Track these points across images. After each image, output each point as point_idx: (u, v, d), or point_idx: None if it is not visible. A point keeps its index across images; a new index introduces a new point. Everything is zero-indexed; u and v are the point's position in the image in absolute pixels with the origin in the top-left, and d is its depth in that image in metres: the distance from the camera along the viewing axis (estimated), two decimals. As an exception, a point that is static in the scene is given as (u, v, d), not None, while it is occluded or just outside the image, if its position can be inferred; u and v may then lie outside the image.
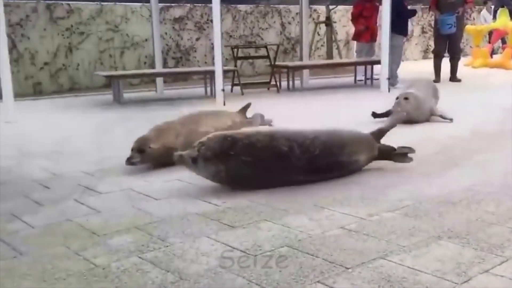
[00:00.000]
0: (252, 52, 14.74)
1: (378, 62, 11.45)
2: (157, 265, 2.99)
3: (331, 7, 16.26)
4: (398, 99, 7.14)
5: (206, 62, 15.01)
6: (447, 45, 12.42)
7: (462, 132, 6.57)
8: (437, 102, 7.76)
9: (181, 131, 5.35)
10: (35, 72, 12.71)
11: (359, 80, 13.06)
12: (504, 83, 11.82)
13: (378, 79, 11.61)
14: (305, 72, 12.70)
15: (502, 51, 17.27)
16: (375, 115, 7.24)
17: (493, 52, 17.96)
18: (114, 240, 3.38)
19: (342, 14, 17.78)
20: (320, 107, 9.28)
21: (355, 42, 14.38)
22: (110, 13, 13.60)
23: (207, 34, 14.87)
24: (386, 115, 7.01)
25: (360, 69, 13.04)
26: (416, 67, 16.42)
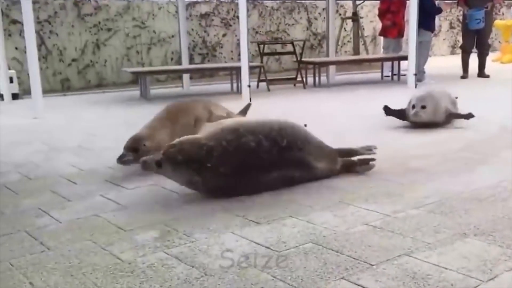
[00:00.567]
0: (278, 48, 14.73)
1: (405, 58, 11.37)
2: (182, 260, 3.01)
3: (358, 2, 16.19)
4: (415, 107, 6.53)
5: (232, 58, 15.03)
6: (475, 41, 12.27)
7: (490, 128, 6.49)
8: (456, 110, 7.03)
9: (173, 127, 5.14)
10: (63, 69, 12.85)
11: (385, 76, 12.97)
12: (533, 78, 11.65)
13: (405, 75, 11.53)
14: (331, 68, 12.64)
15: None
16: (387, 110, 6.88)
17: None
18: (140, 235, 3.42)
19: (369, 9, 17.67)
20: (346, 103, 9.25)
21: (382, 37, 14.29)
22: (137, 9, 13.68)
23: (234, 30, 14.89)
24: (399, 114, 6.76)
25: (387, 65, 12.95)
26: (444, 62, 16.26)
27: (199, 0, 14.69)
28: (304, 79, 11.85)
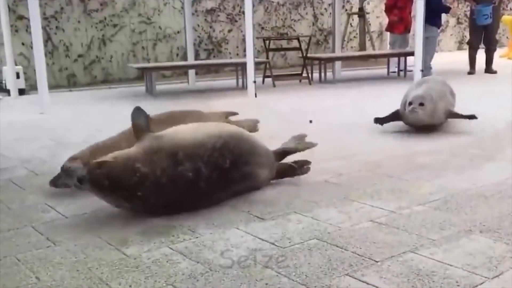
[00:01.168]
0: (284, 43, 14.69)
1: (411, 54, 11.32)
2: (187, 256, 3.02)
3: (364, -3, 16.13)
4: (412, 104, 5.91)
5: (238, 54, 15.01)
6: (483, 36, 12.22)
7: (496, 124, 6.47)
8: (455, 105, 6.58)
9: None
10: (69, 64, 12.87)
11: (392, 72, 12.92)
12: (540, 74, 11.61)
13: (411, 71, 11.50)
14: (337, 64, 12.61)
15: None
16: (379, 120, 6.28)
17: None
18: (145, 230, 3.43)
19: (376, 4, 17.60)
20: (352, 99, 9.22)
21: (388, 33, 14.25)
22: (143, 5, 13.67)
23: (239, 26, 14.87)
24: (393, 117, 6.24)
25: (393, 60, 12.91)
26: (451, 58, 16.21)
27: (205, -4, 14.69)
28: (310, 75, 11.82)
